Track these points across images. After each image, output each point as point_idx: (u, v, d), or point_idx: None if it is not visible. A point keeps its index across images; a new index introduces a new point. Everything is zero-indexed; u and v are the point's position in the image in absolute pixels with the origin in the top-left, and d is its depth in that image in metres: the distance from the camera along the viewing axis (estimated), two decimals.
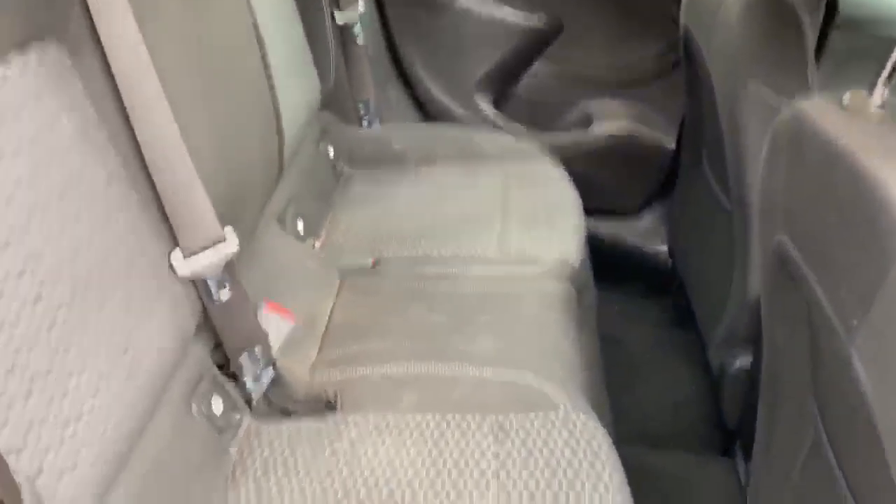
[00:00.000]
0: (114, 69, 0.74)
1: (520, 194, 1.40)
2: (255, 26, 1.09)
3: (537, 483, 0.81)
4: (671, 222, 1.70)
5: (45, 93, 0.67)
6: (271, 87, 1.14)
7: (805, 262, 0.69)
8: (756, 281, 1.07)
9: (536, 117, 1.67)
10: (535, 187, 1.42)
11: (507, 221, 1.32)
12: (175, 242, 0.83)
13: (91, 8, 0.71)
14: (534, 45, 1.59)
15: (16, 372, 0.58)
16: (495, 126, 1.62)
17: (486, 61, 1.59)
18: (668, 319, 1.67)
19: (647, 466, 1.25)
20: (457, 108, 1.62)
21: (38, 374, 0.61)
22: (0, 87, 0.62)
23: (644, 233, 1.76)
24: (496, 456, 0.85)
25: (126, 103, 0.75)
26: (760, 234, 0.83)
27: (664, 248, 1.72)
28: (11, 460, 0.56)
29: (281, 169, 1.22)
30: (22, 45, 0.65)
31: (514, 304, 1.12)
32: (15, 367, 0.58)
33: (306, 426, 0.92)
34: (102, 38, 0.72)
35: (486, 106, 1.63)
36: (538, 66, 1.64)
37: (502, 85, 1.64)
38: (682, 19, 1.27)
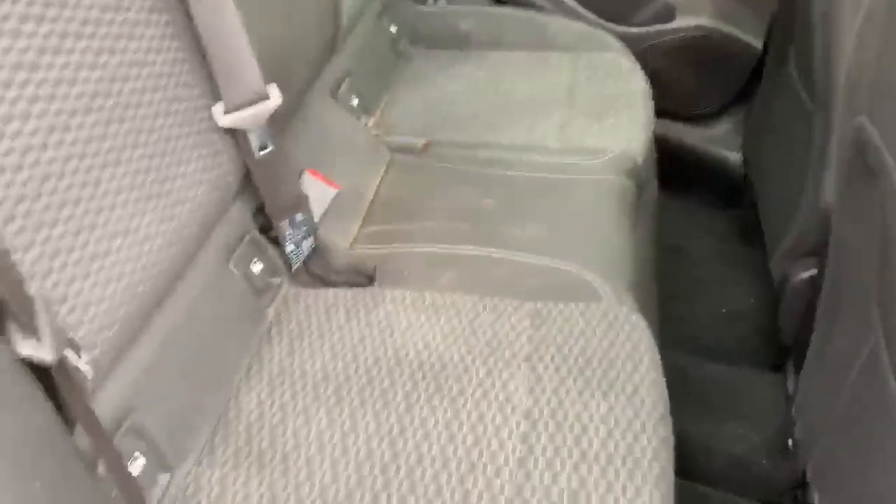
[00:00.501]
0: None
1: (588, 84, 1.33)
2: None
3: (569, 370, 0.79)
4: (748, 129, 1.60)
5: None
6: None
7: (887, 146, 0.62)
8: (830, 186, 0.99)
9: (614, 7, 1.56)
10: (605, 78, 1.35)
11: (571, 110, 1.26)
12: (218, 96, 0.81)
13: None
14: None
15: (42, 197, 0.58)
16: (570, 13, 1.53)
17: None
18: (734, 232, 1.59)
19: (691, 373, 1.22)
20: None
21: (66, 202, 0.60)
22: None
23: (718, 139, 1.66)
24: (530, 340, 0.82)
25: None
26: (841, 117, 0.75)
27: (737, 156, 1.63)
28: (35, 283, 0.56)
29: (336, 40, 1.17)
30: None
31: (568, 193, 1.08)
32: (42, 193, 0.58)
33: (343, 294, 0.91)
34: None
35: None
36: None
37: None
38: None
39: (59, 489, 0.48)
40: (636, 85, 1.34)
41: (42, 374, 0.49)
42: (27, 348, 0.46)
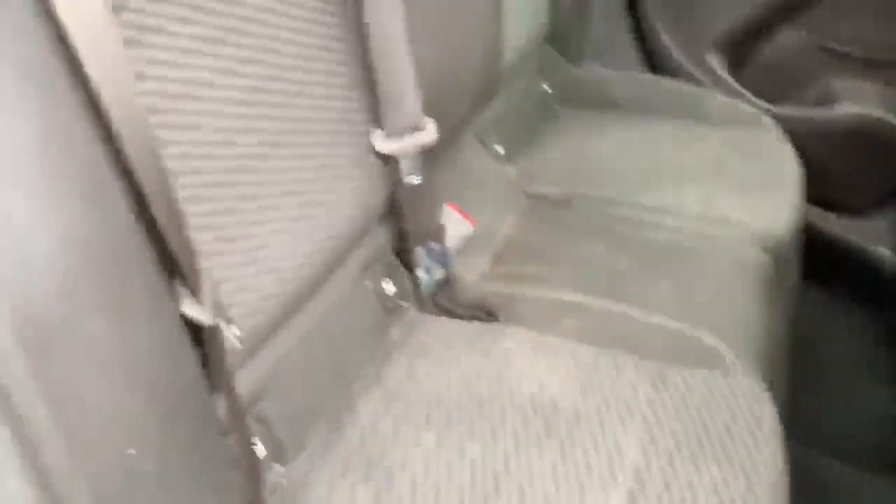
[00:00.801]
0: None
1: (737, 160, 1.31)
2: None
3: (686, 434, 0.76)
4: None
5: None
6: (497, 6, 1.14)
7: None
8: None
9: (772, 87, 1.53)
10: (755, 156, 1.32)
11: (717, 182, 1.24)
12: (378, 122, 0.87)
13: None
14: (785, 9, 1.45)
15: (224, 187, 0.64)
16: (726, 89, 1.51)
17: (726, 18, 1.48)
18: (880, 333, 1.49)
19: (816, 471, 1.15)
20: (685, 63, 1.53)
21: (244, 196, 0.67)
22: None
23: (871, 234, 1.57)
24: (648, 399, 0.81)
25: None
26: None
27: (891, 255, 1.53)
28: (206, 259, 0.61)
29: (493, 88, 1.22)
30: None
31: (704, 260, 1.06)
32: (225, 184, 0.64)
33: (465, 326, 0.93)
34: None
35: (718, 66, 1.52)
36: (785, 32, 1.50)
37: (740, 47, 1.52)
38: None
39: (199, 445, 0.52)
40: (787, 167, 1.31)
41: (197, 339, 0.54)
42: (191, 309, 0.52)
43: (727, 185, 1.23)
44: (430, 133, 0.89)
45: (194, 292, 0.52)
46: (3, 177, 0.43)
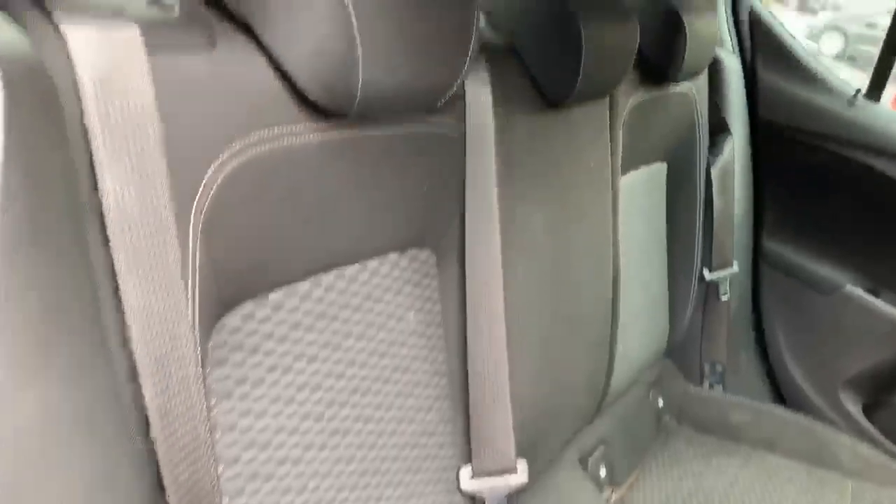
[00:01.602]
0: (468, 278, 0.79)
1: None
2: (616, 265, 1.10)
3: None
4: None
5: (406, 287, 0.75)
6: (614, 322, 1.13)
7: None
8: None
9: None
10: None
11: None
12: (467, 458, 0.84)
13: (467, 227, 0.78)
14: None
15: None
16: (857, 431, 1.39)
17: (862, 359, 1.39)
18: None
19: None
20: (815, 399, 1.44)
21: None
22: (373, 274, 0.71)
23: None
24: None
25: (469, 311, 0.80)
26: None
27: None
28: None
29: (600, 406, 1.18)
30: (403, 247, 0.74)
31: None
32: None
33: None
34: (467, 251, 0.79)
35: (852, 407, 1.41)
36: None
37: (877, 390, 1.41)
38: None
39: None
40: None
41: None
42: None
43: None
44: (521, 476, 0.84)
45: None
46: None
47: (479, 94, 0.76)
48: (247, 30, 0.54)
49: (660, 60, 1.12)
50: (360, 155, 0.63)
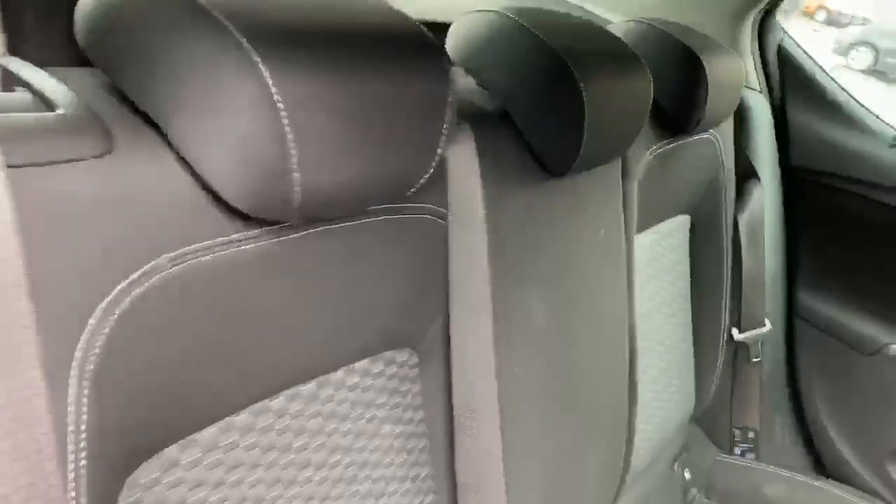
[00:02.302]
0: (454, 379, 0.69)
1: None
2: (632, 337, 0.98)
3: None
4: None
5: (381, 396, 0.64)
6: (632, 401, 1.01)
7: None
8: None
9: None
10: None
11: None
12: None
13: (452, 319, 0.67)
14: None
15: None
16: None
17: None
18: None
19: None
20: (859, 469, 1.30)
21: None
22: (338, 387, 0.60)
23: None
24: None
25: (456, 416, 0.69)
26: None
27: None
28: None
29: (618, 493, 1.06)
30: (376, 351, 0.64)
31: None
32: None
33: None
34: (453, 348, 0.68)
35: None
36: None
37: None
38: None
39: None
40: None
41: None
42: None
43: None
44: None
45: None
46: None
47: (464, 169, 0.65)
48: (157, 128, 0.44)
49: (678, 111, 1.01)
50: (311, 257, 0.53)
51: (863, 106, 1.28)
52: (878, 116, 1.27)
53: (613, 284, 0.92)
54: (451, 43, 0.74)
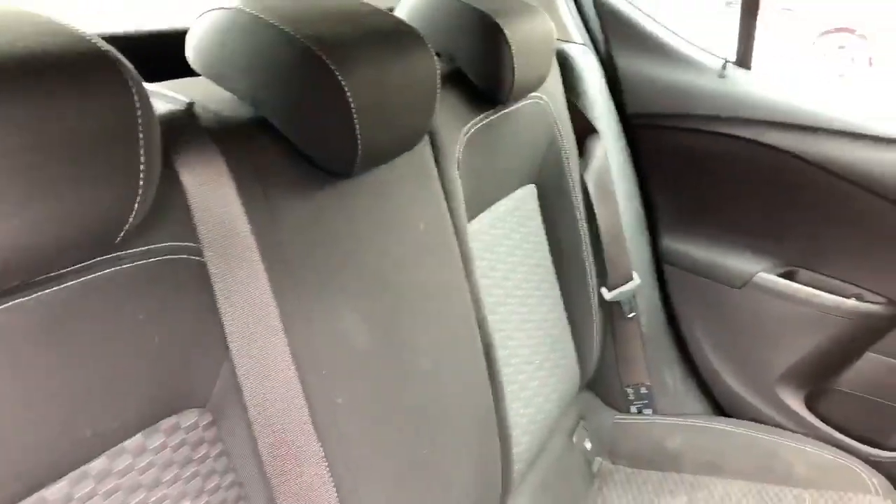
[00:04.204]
0: (258, 436, 0.61)
1: None
2: (483, 325, 0.92)
3: None
4: None
5: (167, 473, 0.56)
6: (496, 391, 0.93)
7: None
8: None
9: (867, 424, 1.26)
10: None
11: None
12: None
13: (238, 366, 0.59)
14: (862, 334, 1.22)
15: None
16: (806, 432, 1.25)
17: (794, 348, 1.26)
18: None
19: None
20: (754, 403, 1.29)
21: None
22: (100, 478, 0.52)
23: None
24: None
25: (273, 480, 0.61)
26: None
27: None
28: None
29: (507, 482, 0.99)
30: (152, 421, 0.55)
31: None
32: None
33: None
34: (247, 399, 0.60)
35: (794, 403, 1.27)
36: (871, 358, 1.25)
37: (817, 378, 1.28)
38: None
39: None
40: None
41: None
42: None
43: None
44: None
45: None
46: None
47: (214, 193, 0.57)
48: None
49: (487, 81, 0.95)
50: (18, 334, 0.44)
51: (688, 42, 1.26)
52: (703, 49, 1.26)
53: (450, 280, 0.86)
54: (191, 50, 0.66)
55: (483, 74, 0.94)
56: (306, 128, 0.64)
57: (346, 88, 0.62)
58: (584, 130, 1.24)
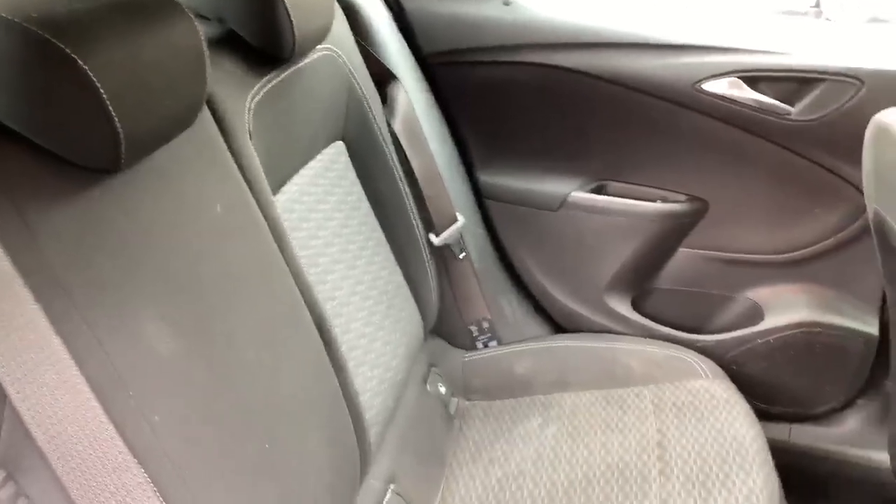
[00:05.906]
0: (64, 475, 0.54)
1: (680, 434, 1.10)
2: (308, 298, 0.87)
3: None
4: (892, 422, 1.30)
5: None
6: (336, 364, 0.90)
7: None
8: None
9: (689, 315, 1.36)
10: (698, 421, 1.12)
11: (667, 484, 1.02)
12: None
13: (25, 417, 0.52)
14: (672, 232, 1.30)
15: None
16: (638, 333, 1.33)
17: (614, 257, 1.32)
18: None
19: None
20: (588, 315, 1.35)
21: None
22: None
23: (849, 439, 1.36)
24: None
25: None
26: None
27: (881, 455, 1.31)
28: None
29: (364, 462, 0.97)
30: None
31: None
32: None
33: None
34: (42, 445, 0.53)
35: (623, 308, 1.35)
36: (683, 253, 1.34)
37: (640, 280, 1.36)
38: (870, 202, 0.96)
39: None
40: (739, 422, 1.10)
41: None
42: None
43: (679, 478, 1.02)
44: None
45: None
46: None
47: None
48: None
49: (265, 42, 0.89)
50: None
51: None
52: None
53: (261, 260, 0.80)
54: None
55: (258, 32, 0.88)
56: (53, 126, 0.56)
57: (90, 73, 0.54)
58: (384, 78, 1.21)
